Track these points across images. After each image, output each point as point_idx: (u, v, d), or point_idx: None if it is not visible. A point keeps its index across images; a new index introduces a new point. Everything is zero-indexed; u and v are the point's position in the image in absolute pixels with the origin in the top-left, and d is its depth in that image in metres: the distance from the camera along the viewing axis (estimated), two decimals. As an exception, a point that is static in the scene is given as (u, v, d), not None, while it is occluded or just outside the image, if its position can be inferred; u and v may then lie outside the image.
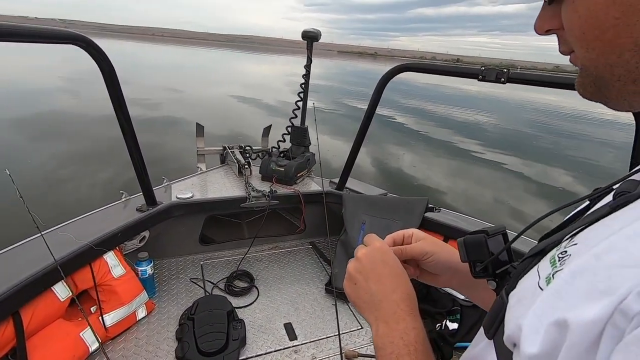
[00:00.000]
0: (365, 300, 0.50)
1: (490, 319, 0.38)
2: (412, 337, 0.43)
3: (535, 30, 0.38)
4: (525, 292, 0.34)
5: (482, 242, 0.46)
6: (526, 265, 0.38)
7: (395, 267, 0.51)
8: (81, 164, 5.47)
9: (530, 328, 0.29)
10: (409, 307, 0.47)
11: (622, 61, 0.31)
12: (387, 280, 0.49)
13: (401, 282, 0.50)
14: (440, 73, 1.67)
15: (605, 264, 0.26)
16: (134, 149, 1.49)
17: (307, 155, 2.33)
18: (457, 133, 10.93)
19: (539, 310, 0.29)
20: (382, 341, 0.45)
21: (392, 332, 0.45)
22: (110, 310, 1.39)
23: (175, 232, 1.89)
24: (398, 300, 0.47)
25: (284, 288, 1.81)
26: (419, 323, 0.46)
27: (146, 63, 30.17)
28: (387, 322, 0.46)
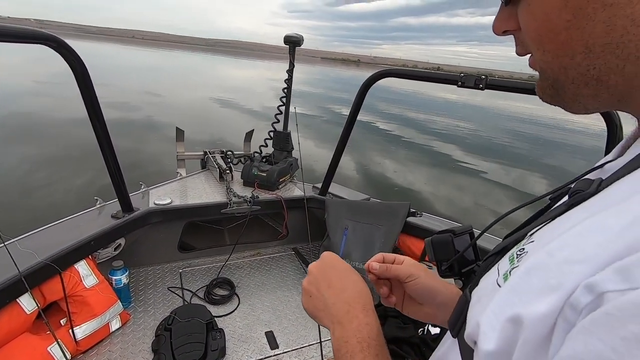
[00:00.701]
0: (320, 308, 0.50)
1: (454, 318, 0.39)
2: (365, 334, 0.43)
3: (493, 30, 0.38)
4: (485, 290, 0.34)
5: (448, 241, 0.47)
6: (489, 263, 0.39)
7: (343, 268, 0.52)
8: (54, 168, 5.25)
9: (487, 325, 0.29)
10: (361, 304, 0.47)
11: (575, 64, 0.31)
12: (336, 283, 0.50)
13: (351, 280, 0.50)
14: (421, 79, 1.69)
15: (556, 260, 0.26)
16: (109, 152, 1.44)
17: (289, 160, 2.31)
18: (437, 139, 11.15)
19: (496, 307, 0.29)
20: (338, 343, 0.44)
21: (346, 332, 0.44)
22: (81, 322, 1.32)
23: (152, 240, 1.83)
24: (349, 299, 0.47)
25: (266, 295, 1.77)
26: (371, 318, 0.45)
27: (125, 65, 29.51)
28: (341, 322, 0.46)
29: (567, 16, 0.29)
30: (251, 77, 32.55)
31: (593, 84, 0.31)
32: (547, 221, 0.33)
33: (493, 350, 0.27)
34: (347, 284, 0.49)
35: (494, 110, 25.79)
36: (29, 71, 17.05)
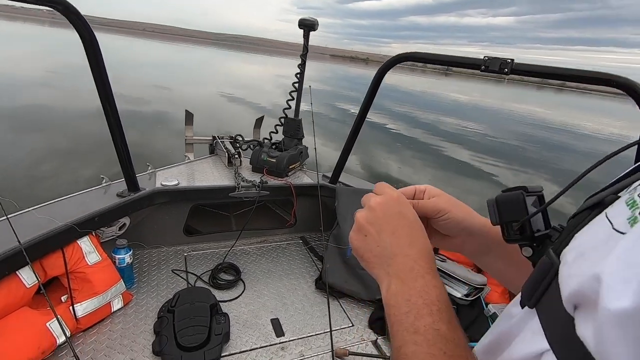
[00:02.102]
0: (376, 253, 0.42)
1: (532, 285, 0.31)
2: (434, 296, 0.36)
3: None
4: (592, 243, 0.27)
5: (520, 199, 0.38)
6: (580, 220, 0.32)
7: (413, 220, 0.44)
8: (62, 159, 5.23)
9: (615, 277, 0.22)
10: (428, 264, 0.40)
11: None
12: (403, 234, 0.42)
13: (420, 236, 0.43)
14: (442, 63, 1.62)
15: None
16: (116, 129, 1.39)
17: (299, 148, 2.25)
18: (446, 140, 11.02)
19: (627, 256, 0.22)
20: (395, 299, 0.37)
21: (408, 289, 0.37)
22: (82, 300, 1.27)
23: (158, 221, 1.79)
24: (415, 256, 0.40)
25: (272, 283, 1.72)
26: (440, 282, 0.38)
27: (134, 58, 29.64)
28: (402, 278, 0.39)
29: None
30: (260, 73, 32.54)
31: None
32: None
33: (628, 307, 0.21)
34: (415, 240, 0.42)
35: (505, 112, 25.50)
36: (41, 60, 17.18)
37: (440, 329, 0.33)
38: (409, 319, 0.35)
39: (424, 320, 0.34)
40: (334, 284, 1.64)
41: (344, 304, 1.64)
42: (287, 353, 1.34)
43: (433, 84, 20.14)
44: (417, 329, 0.34)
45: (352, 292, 1.64)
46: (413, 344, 0.33)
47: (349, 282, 1.65)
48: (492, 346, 0.36)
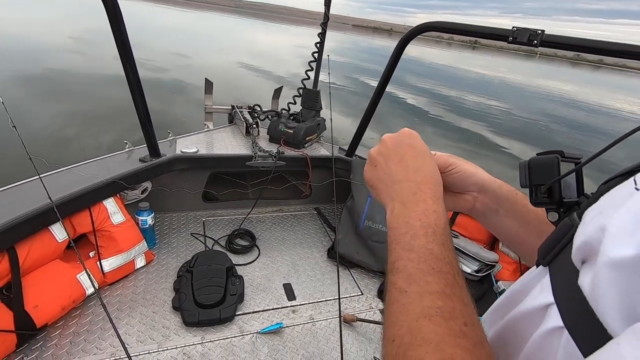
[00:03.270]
0: (384, 181, 0.44)
1: (550, 244, 0.33)
2: (432, 220, 0.38)
3: None
4: (611, 203, 0.28)
5: (553, 162, 0.38)
6: (610, 186, 0.31)
7: (422, 150, 0.45)
8: (86, 124, 5.38)
9: (620, 228, 0.23)
10: (432, 189, 0.41)
11: None
12: (410, 161, 0.44)
13: (427, 163, 0.44)
14: (467, 34, 1.55)
15: None
16: (139, 97, 1.42)
17: (317, 119, 2.24)
18: (468, 117, 10.69)
19: (636, 208, 0.23)
20: (396, 221, 0.39)
21: (409, 212, 0.39)
22: (108, 256, 1.36)
23: (178, 187, 1.85)
24: (419, 182, 0.42)
25: (286, 250, 1.78)
26: (441, 207, 0.40)
27: (153, 25, 29.47)
28: (405, 202, 0.41)
29: None
30: (280, 43, 31.91)
31: None
32: None
33: (631, 256, 0.21)
34: (421, 166, 0.44)
35: (532, 89, 24.36)
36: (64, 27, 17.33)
37: (432, 249, 0.35)
38: (406, 239, 0.37)
39: (419, 240, 0.36)
40: (345, 254, 1.68)
41: (355, 273, 1.69)
42: (297, 316, 1.41)
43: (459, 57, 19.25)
44: (411, 248, 0.36)
45: (363, 262, 1.68)
46: (407, 260, 0.35)
47: (361, 253, 1.69)
48: (504, 303, 0.37)
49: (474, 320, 0.30)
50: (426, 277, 0.33)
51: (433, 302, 0.30)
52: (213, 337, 1.26)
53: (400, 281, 0.34)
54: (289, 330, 1.34)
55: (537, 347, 0.29)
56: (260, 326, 1.33)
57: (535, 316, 0.30)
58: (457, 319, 0.29)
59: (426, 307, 0.30)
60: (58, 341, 1.16)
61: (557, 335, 0.27)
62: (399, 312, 0.32)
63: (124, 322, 1.26)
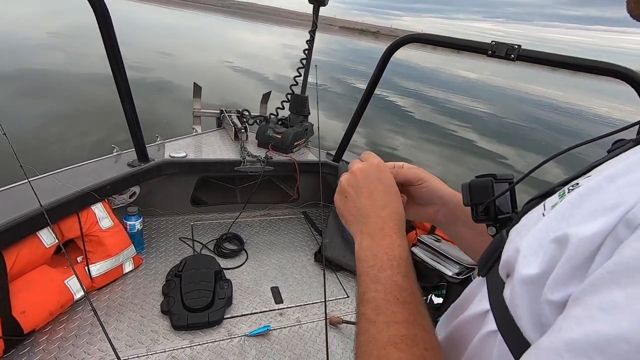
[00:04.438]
0: (353, 213, 0.49)
1: (486, 256, 0.38)
2: (397, 253, 0.42)
3: None
4: (527, 224, 0.34)
5: (488, 184, 0.45)
6: (532, 206, 0.37)
7: (389, 185, 0.50)
8: (70, 123, 5.28)
9: (528, 249, 0.28)
10: (397, 225, 0.46)
11: None
12: (378, 196, 0.48)
13: (393, 200, 0.48)
14: (449, 46, 1.62)
15: (617, 184, 0.25)
16: (127, 100, 1.43)
17: (305, 124, 2.28)
18: (454, 119, 10.91)
19: (539, 232, 0.28)
20: (365, 254, 0.44)
21: (376, 246, 0.43)
22: (96, 261, 1.37)
23: (166, 191, 1.86)
24: (386, 217, 0.46)
25: (273, 254, 1.81)
26: (404, 241, 0.44)
27: (138, 23, 28.96)
28: (373, 236, 0.45)
29: None
30: (266, 43, 31.78)
31: None
32: (609, 159, 0.32)
33: (535, 274, 0.27)
34: (389, 203, 0.48)
35: (515, 92, 24.98)
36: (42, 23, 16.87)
37: (397, 281, 0.39)
38: (374, 271, 0.41)
39: (385, 272, 0.40)
40: (332, 257, 1.73)
41: (341, 276, 1.74)
42: (284, 318, 1.45)
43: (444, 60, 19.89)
44: (378, 280, 0.40)
45: (349, 265, 1.73)
46: (374, 291, 0.39)
47: (347, 257, 1.73)
48: (454, 309, 0.43)
49: (433, 344, 0.35)
50: (392, 307, 0.37)
51: (398, 331, 0.35)
52: (202, 340, 1.29)
53: (369, 312, 0.38)
54: (277, 333, 1.38)
55: (478, 348, 0.34)
56: (248, 329, 1.36)
57: (476, 321, 0.35)
58: (419, 345, 0.34)
59: (392, 335, 0.34)
60: (46, 346, 1.16)
61: (493, 338, 0.32)
62: (369, 341, 0.36)
63: (112, 326, 1.28)
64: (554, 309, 0.25)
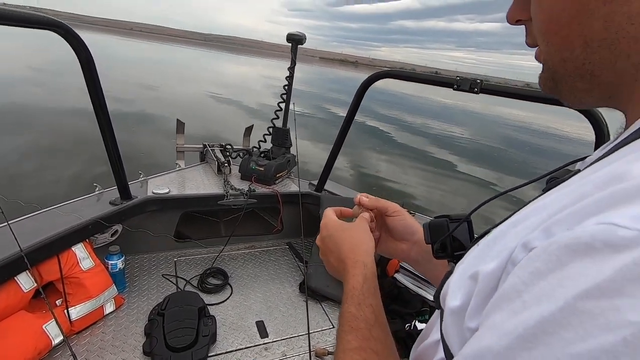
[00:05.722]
0: (334, 263, 0.56)
1: (438, 289, 0.43)
2: (352, 284, 0.49)
3: (507, 19, 0.40)
4: (463, 261, 0.39)
5: (443, 224, 0.50)
6: (474, 243, 0.43)
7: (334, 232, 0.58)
8: (49, 158, 5.22)
9: (454, 285, 0.34)
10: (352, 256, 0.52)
11: (573, 57, 0.32)
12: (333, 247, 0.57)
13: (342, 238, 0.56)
14: (418, 81, 1.73)
15: (517, 229, 0.30)
16: (110, 140, 1.46)
17: (287, 156, 2.34)
18: (433, 143, 11.25)
19: (462, 270, 0.34)
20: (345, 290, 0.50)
21: (346, 284, 0.50)
22: (76, 304, 1.34)
23: (149, 228, 1.86)
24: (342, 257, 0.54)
25: (258, 287, 1.81)
26: (358, 269, 0.50)
27: (122, 57, 29.26)
28: (342, 279, 0.52)
29: (571, 11, 0.31)
30: (249, 74, 32.47)
31: (587, 78, 0.32)
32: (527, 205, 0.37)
33: (458, 305, 0.31)
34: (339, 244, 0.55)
35: (489, 116, 26.04)
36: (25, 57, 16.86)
37: (351, 310, 0.45)
38: (342, 307, 0.47)
39: (345, 305, 0.46)
40: (316, 287, 1.74)
41: (326, 306, 1.74)
42: (270, 353, 1.43)
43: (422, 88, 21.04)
44: (342, 313, 0.46)
45: (333, 295, 1.74)
46: (338, 325, 0.45)
47: (330, 286, 1.75)
48: (421, 336, 0.48)
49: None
50: (346, 336, 0.42)
51: (352, 358, 0.40)
52: (186, 381, 1.26)
53: (336, 345, 0.44)
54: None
55: None
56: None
57: (432, 349, 0.40)
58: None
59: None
60: (21, 397, 1.12)
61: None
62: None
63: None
64: None
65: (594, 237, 0.20)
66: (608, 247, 0.19)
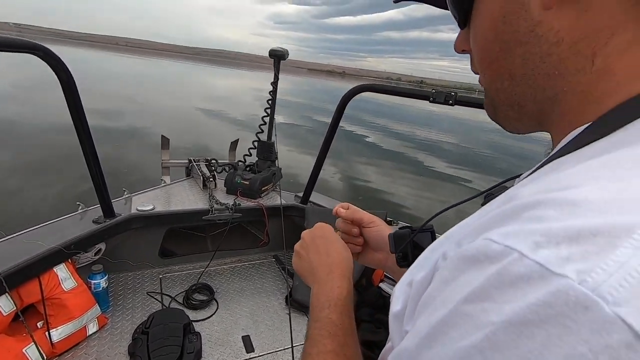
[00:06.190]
0: (306, 269, 0.58)
1: None
2: (335, 294, 0.50)
3: (454, 48, 0.43)
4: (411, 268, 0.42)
5: (406, 235, 0.54)
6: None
7: (331, 239, 0.60)
8: (32, 177, 5.14)
9: (397, 291, 0.36)
10: (341, 270, 0.54)
11: (503, 88, 0.35)
12: (323, 249, 0.58)
13: (335, 248, 0.58)
14: (396, 94, 1.79)
15: (448, 241, 0.33)
16: (92, 159, 1.47)
17: (272, 169, 2.37)
18: (420, 151, 11.41)
19: (404, 277, 0.37)
20: (313, 299, 0.52)
21: (321, 291, 0.52)
22: (58, 325, 1.33)
23: (133, 245, 1.85)
24: (331, 264, 0.55)
25: (244, 301, 1.81)
26: (344, 283, 0.53)
27: (109, 72, 29.11)
28: (319, 282, 0.54)
29: (496, 47, 0.34)
30: (237, 87, 32.61)
31: (516, 108, 0.35)
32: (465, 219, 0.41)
33: (399, 310, 0.34)
34: (331, 252, 0.57)
35: (474, 122, 26.54)
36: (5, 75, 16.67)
37: (332, 318, 0.48)
38: (315, 312, 0.49)
39: (324, 312, 0.49)
40: (301, 300, 1.75)
41: None
42: None
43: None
44: (318, 319, 0.48)
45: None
46: (313, 329, 0.48)
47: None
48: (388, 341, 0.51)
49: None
50: (323, 340, 0.45)
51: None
52: (170, 400, 1.25)
53: (307, 346, 0.46)
54: None
55: None
56: (219, 383, 1.33)
57: (388, 352, 0.43)
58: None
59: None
60: None
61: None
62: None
63: (74, 394, 1.22)
64: None
65: (478, 250, 0.23)
66: (486, 259, 0.22)
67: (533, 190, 0.25)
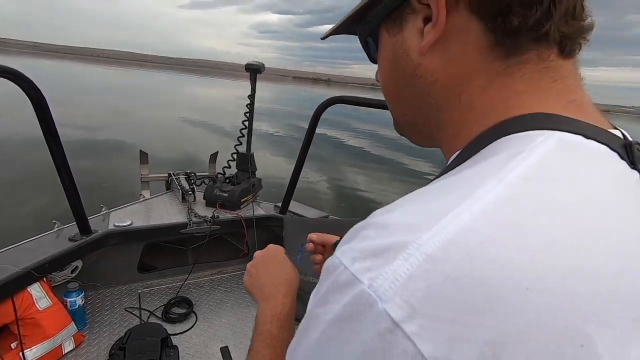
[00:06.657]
0: (255, 286, 0.64)
1: None
2: (278, 310, 0.56)
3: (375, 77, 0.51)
4: None
5: None
6: None
7: (280, 259, 0.67)
8: (7, 193, 5.03)
9: None
10: (286, 288, 0.60)
11: (403, 113, 0.43)
12: (272, 268, 0.64)
13: (283, 268, 0.64)
14: (370, 106, 1.85)
15: None
16: (66, 176, 1.48)
17: (252, 180, 2.40)
18: (408, 155, 11.57)
19: None
20: (259, 314, 0.58)
21: (267, 307, 0.58)
22: (32, 345, 1.33)
23: (111, 261, 1.85)
24: (277, 283, 0.61)
25: (224, 312, 1.83)
26: (288, 300, 0.59)
27: (89, 85, 28.67)
28: (266, 299, 0.59)
29: (392, 83, 0.41)
30: (222, 96, 32.53)
31: (414, 129, 0.43)
32: None
33: None
34: (279, 271, 0.63)
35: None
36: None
37: (272, 331, 0.53)
38: (259, 326, 0.55)
39: (266, 326, 0.54)
40: (281, 309, 1.78)
41: None
42: None
43: None
44: (261, 332, 0.54)
45: (298, 315, 1.78)
46: (256, 341, 0.53)
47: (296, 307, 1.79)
48: None
49: None
50: (263, 350, 0.51)
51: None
52: (148, 415, 1.26)
53: (248, 357, 0.52)
54: None
55: None
56: (196, 395, 1.35)
57: None
58: None
59: None
60: None
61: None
62: None
63: (49, 414, 1.22)
64: None
65: (328, 263, 0.29)
66: (330, 270, 0.28)
67: (379, 211, 0.30)
